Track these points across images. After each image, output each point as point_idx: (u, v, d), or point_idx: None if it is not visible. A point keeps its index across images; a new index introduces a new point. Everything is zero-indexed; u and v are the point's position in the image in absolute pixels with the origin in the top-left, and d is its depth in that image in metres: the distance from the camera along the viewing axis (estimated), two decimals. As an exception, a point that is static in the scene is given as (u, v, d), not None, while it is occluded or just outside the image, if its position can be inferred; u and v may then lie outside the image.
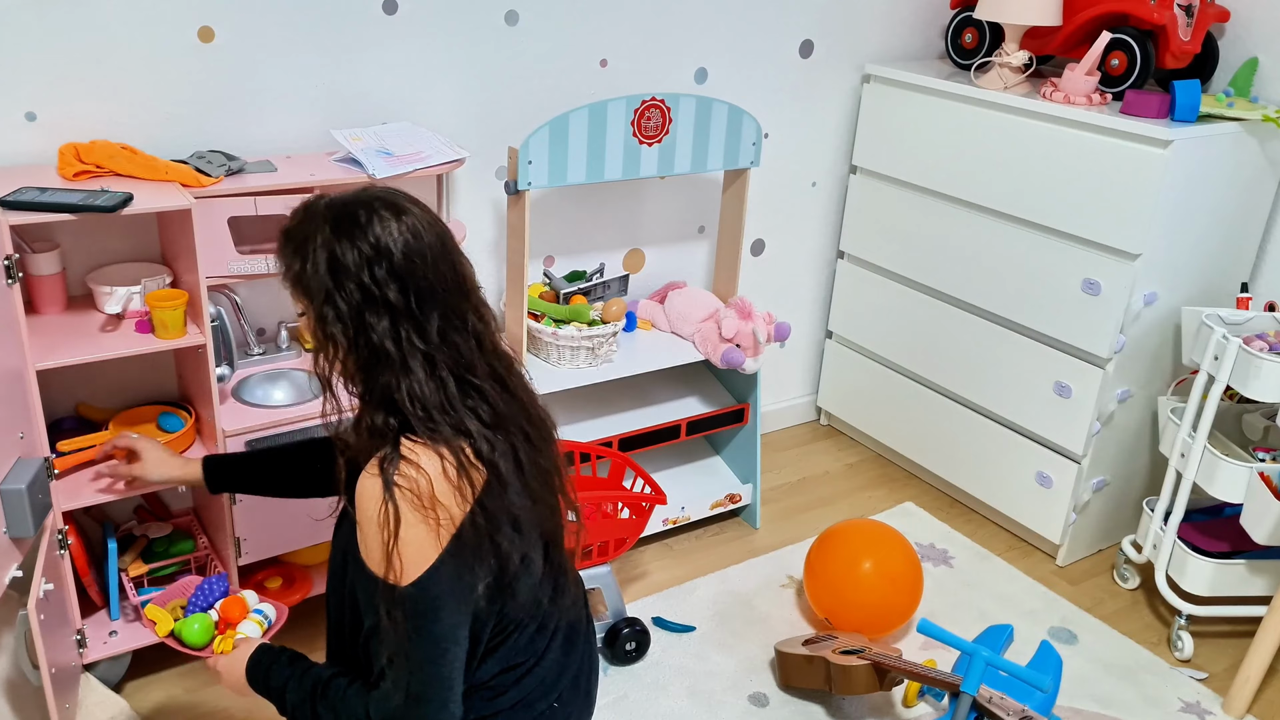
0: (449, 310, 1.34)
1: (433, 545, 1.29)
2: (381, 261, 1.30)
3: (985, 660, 2.00)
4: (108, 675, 2.15)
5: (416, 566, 1.29)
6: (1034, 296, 2.70)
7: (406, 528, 1.28)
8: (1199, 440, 2.41)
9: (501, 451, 1.35)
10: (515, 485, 1.38)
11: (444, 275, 1.33)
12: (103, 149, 2.00)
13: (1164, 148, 2.38)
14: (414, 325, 1.31)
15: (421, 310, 1.32)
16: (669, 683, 2.31)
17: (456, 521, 1.30)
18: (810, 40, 2.99)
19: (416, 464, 1.29)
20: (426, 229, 1.33)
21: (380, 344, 1.31)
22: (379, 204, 1.33)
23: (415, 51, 2.40)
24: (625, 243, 2.92)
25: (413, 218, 1.33)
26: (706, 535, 2.88)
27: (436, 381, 1.32)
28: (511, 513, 1.36)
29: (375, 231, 1.30)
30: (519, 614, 1.44)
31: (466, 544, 1.31)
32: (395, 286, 1.30)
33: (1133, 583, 2.76)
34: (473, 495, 1.31)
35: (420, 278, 1.31)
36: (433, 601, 1.30)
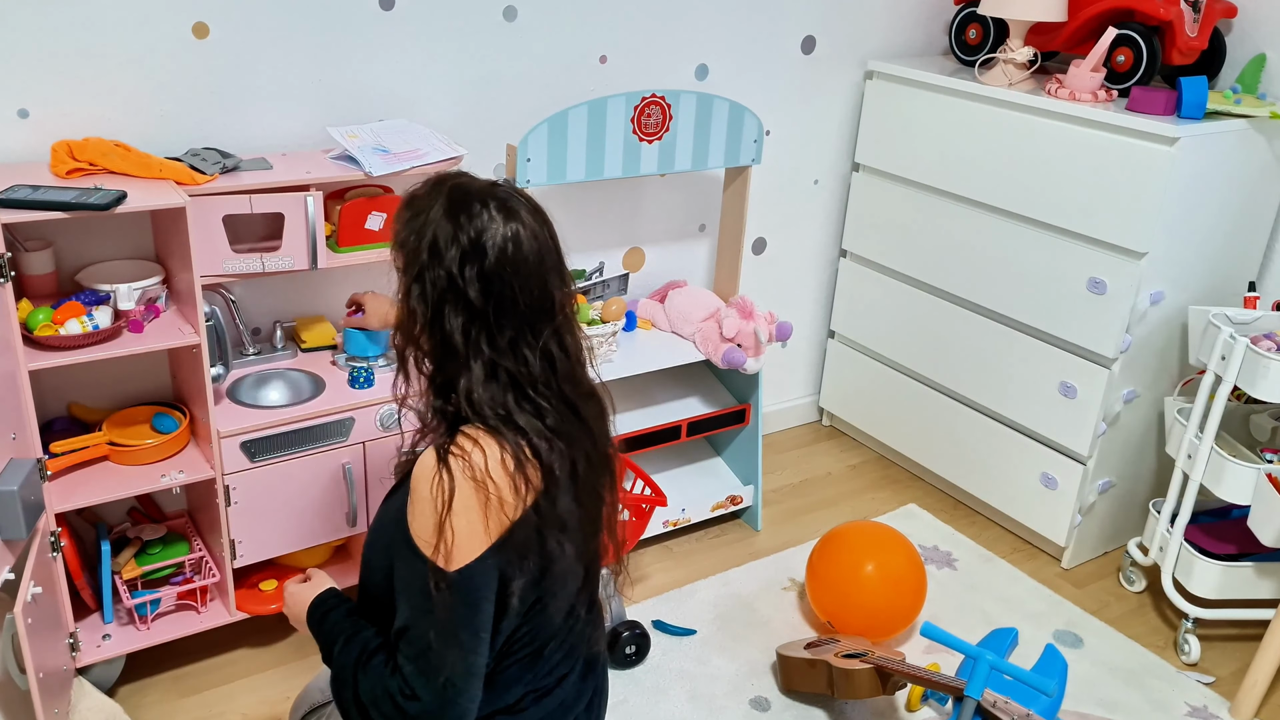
0: (525, 325, 1.35)
1: (482, 530, 1.29)
2: (474, 259, 1.31)
3: (989, 664, 1.99)
4: (101, 679, 2.15)
5: (466, 552, 1.29)
6: (1039, 295, 2.70)
7: (460, 499, 1.28)
8: (1206, 441, 2.41)
9: (559, 456, 1.35)
10: (569, 495, 1.37)
11: (530, 291, 1.34)
12: (96, 146, 2.00)
13: (1170, 145, 2.37)
14: (486, 329, 1.33)
15: (497, 317, 1.33)
16: (669, 687, 2.31)
17: (510, 510, 1.30)
18: (812, 36, 2.99)
19: (475, 440, 1.31)
20: (529, 240, 1.34)
21: (450, 335, 1.33)
22: (495, 202, 1.34)
23: (412, 47, 2.40)
24: (625, 241, 2.91)
25: (521, 226, 1.34)
26: (707, 537, 2.87)
27: (495, 386, 1.33)
28: (561, 519, 1.36)
29: (479, 226, 1.32)
30: (548, 632, 1.43)
31: (516, 538, 1.31)
32: (478, 287, 1.32)
33: (1139, 585, 2.76)
34: (527, 490, 1.32)
35: (505, 286, 1.32)
36: (477, 591, 1.30)
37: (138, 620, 2.16)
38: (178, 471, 2.07)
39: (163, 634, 2.16)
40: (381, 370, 2.28)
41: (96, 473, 2.06)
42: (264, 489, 2.13)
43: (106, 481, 2.03)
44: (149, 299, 2.06)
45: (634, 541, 2.35)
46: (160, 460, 2.10)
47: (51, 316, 1.90)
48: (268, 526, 2.18)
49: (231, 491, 2.11)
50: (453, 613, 1.29)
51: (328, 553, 2.40)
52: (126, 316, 1.99)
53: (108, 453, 2.07)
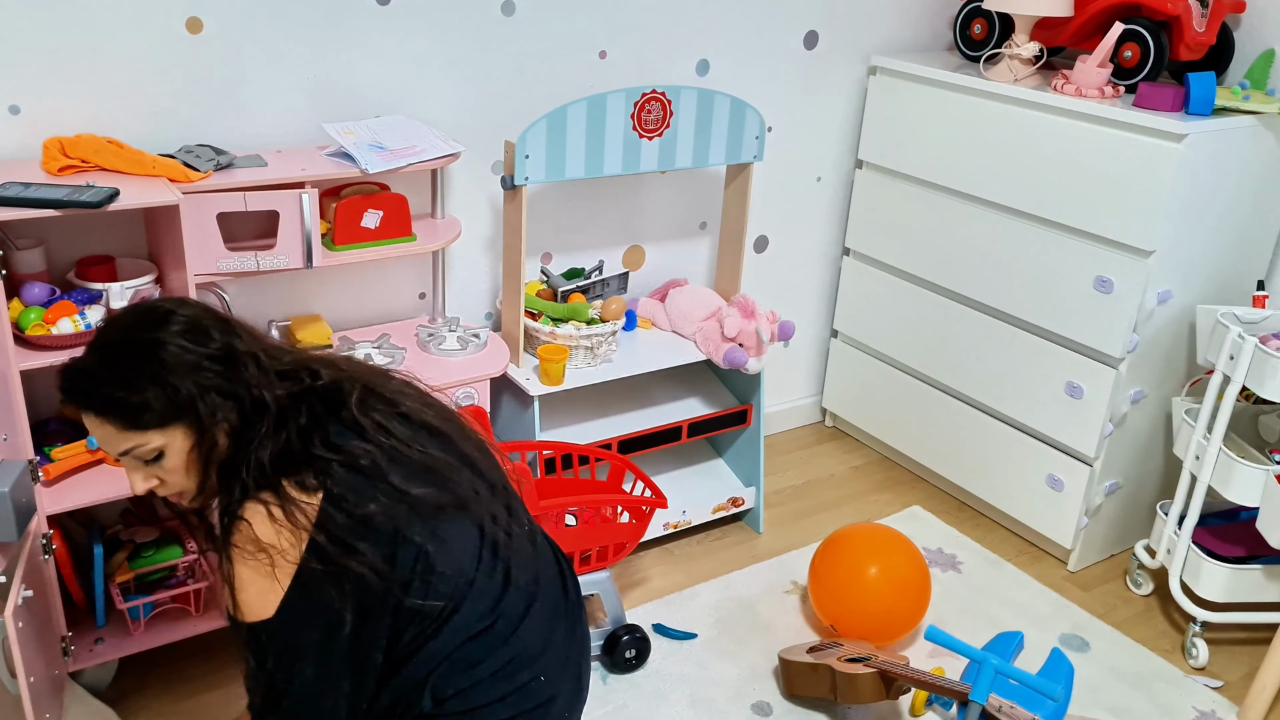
0: (248, 360, 1.44)
1: (272, 582, 1.36)
2: (208, 364, 1.42)
3: (995, 668, 1.99)
4: (94, 683, 2.15)
5: (267, 604, 1.36)
6: (1045, 294, 2.70)
7: (245, 578, 1.37)
8: (1214, 442, 2.41)
9: (329, 469, 1.40)
10: (366, 493, 1.41)
11: (220, 342, 1.44)
12: (88, 143, 2.00)
13: (1178, 142, 2.37)
14: (234, 395, 1.43)
15: (228, 368, 1.43)
16: (670, 691, 2.31)
17: (294, 555, 1.36)
18: (815, 31, 2.99)
19: (243, 518, 1.38)
20: (186, 316, 1.44)
21: (214, 420, 1.42)
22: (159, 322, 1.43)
23: (409, 42, 2.40)
24: (625, 239, 2.91)
25: (173, 317, 1.43)
26: (708, 540, 2.88)
27: (224, 434, 1.43)
28: (367, 523, 1.39)
29: (171, 342, 1.42)
30: (452, 589, 1.45)
31: (313, 573, 1.37)
32: (212, 374, 1.42)
33: (1146, 588, 2.76)
34: (307, 522, 1.37)
35: (223, 353, 1.44)
36: (291, 637, 1.38)
37: (131, 624, 2.16)
38: (171, 473, 2.07)
39: (156, 638, 2.16)
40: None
41: (89, 474, 2.06)
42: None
43: (100, 483, 2.03)
44: (142, 298, 2.06)
45: (634, 544, 2.35)
46: (153, 461, 2.10)
47: (43, 316, 1.90)
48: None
49: (226, 493, 2.11)
50: (277, 662, 1.39)
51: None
52: (119, 316, 1.99)
53: (104, 456, 2.07)
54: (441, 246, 2.38)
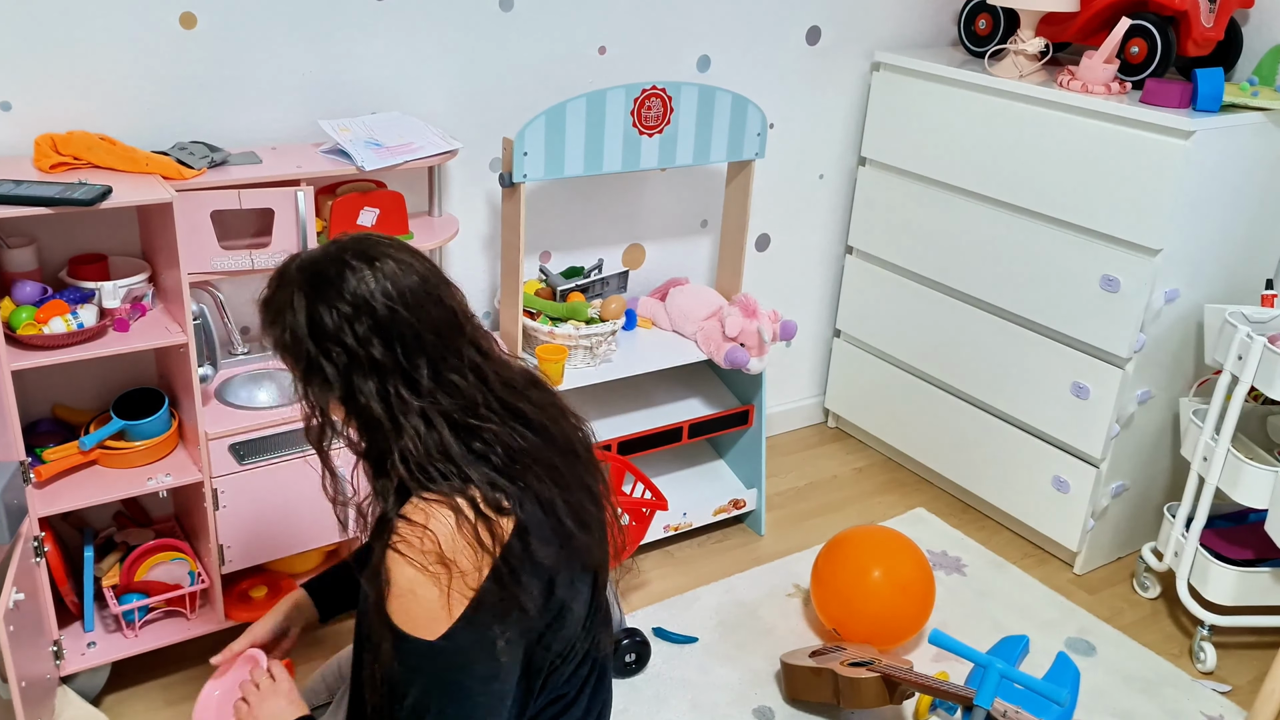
0: (442, 352, 1.32)
1: (444, 607, 1.26)
2: (361, 317, 1.28)
3: (1000, 672, 1.99)
4: (86, 687, 2.15)
5: (434, 627, 1.27)
6: (1050, 294, 2.70)
7: (415, 589, 1.25)
8: (1222, 443, 2.41)
9: (522, 500, 1.32)
10: (543, 533, 1.34)
11: (430, 316, 1.31)
12: (81, 140, 2.00)
13: (1186, 139, 2.37)
14: (403, 379, 1.30)
15: (410, 361, 1.30)
16: (670, 696, 2.31)
17: (474, 580, 1.27)
18: (817, 26, 2.99)
19: (422, 524, 1.26)
20: (404, 270, 1.31)
21: (368, 406, 1.30)
22: (349, 255, 1.31)
23: (406, 38, 2.40)
24: (625, 237, 2.91)
25: (388, 261, 1.31)
26: (709, 542, 2.88)
27: (434, 437, 1.30)
28: (537, 563, 1.32)
29: (350, 286, 1.29)
30: (563, 650, 1.43)
31: (487, 603, 1.28)
32: (379, 341, 1.28)
33: (1153, 592, 2.76)
34: (495, 547, 1.28)
35: (404, 325, 1.29)
36: (448, 672, 1.28)
37: (125, 627, 2.16)
38: (165, 474, 2.08)
39: (150, 641, 2.16)
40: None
41: (82, 476, 2.06)
42: (253, 492, 2.13)
43: (92, 485, 2.03)
44: (135, 297, 2.06)
45: (634, 546, 2.35)
46: (149, 464, 2.10)
47: (35, 315, 1.90)
48: (257, 531, 2.18)
49: (220, 495, 2.11)
50: (435, 684, 1.28)
51: (319, 558, 2.40)
52: (112, 315, 1.99)
53: (97, 457, 2.07)
54: (439, 245, 2.38)
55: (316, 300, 1.29)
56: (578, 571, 1.41)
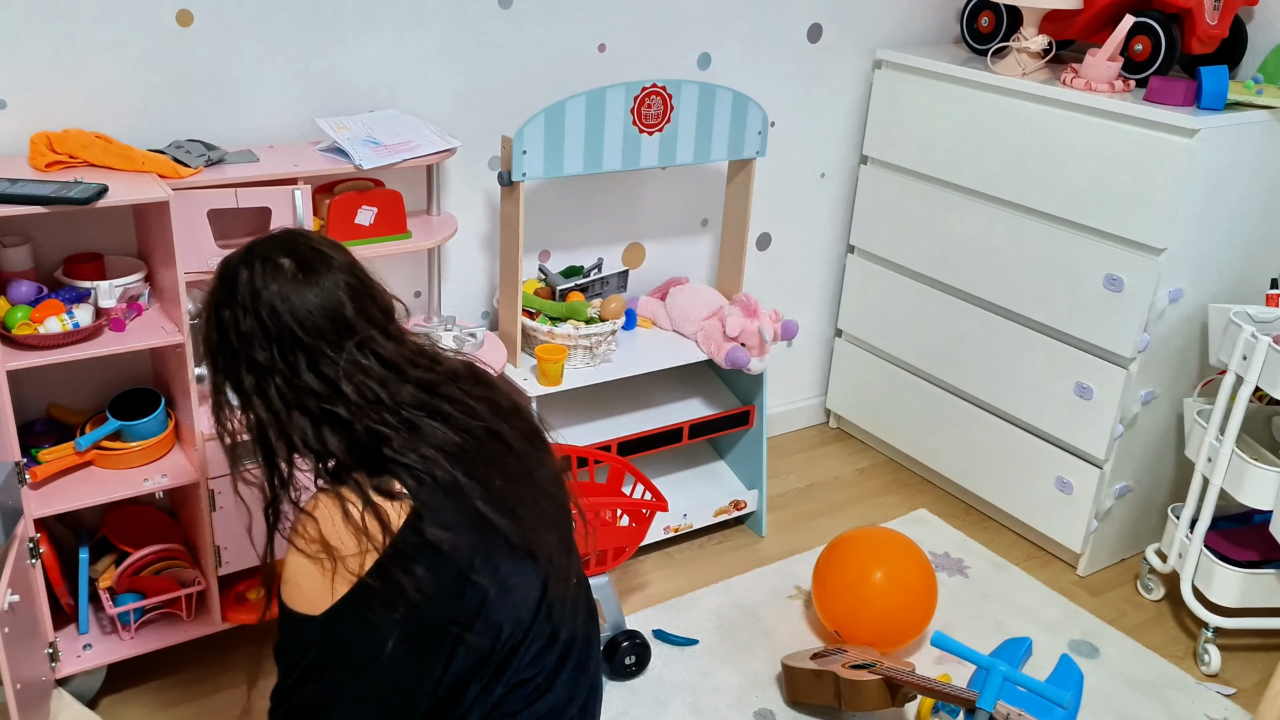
0: (320, 349, 1.37)
1: (327, 589, 1.32)
2: (244, 314, 1.37)
3: (1003, 675, 1.99)
4: (82, 690, 2.15)
5: (318, 604, 1.33)
6: (1053, 293, 2.70)
7: (300, 574, 1.34)
8: (1227, 444, 2.41)
9: (419, 485, 1.35)
10: (445, 518, 1.36)
11: (307, 317, 1.36)
12: (76, 138, 2.00)
13: (1190, 137, 2.37)
14: (279, 373, 1.37)
15: (283, 354, 1.36)
16: (670, 699, 2.31)
17: (355, 565, 1.32)
18: (819, 24, 2.99)
19: (310, 512, 1.34)
20: (290, 273, 1.37)
21: (250, 398, 1.38)
22: (257, 258, 1.39)
23: (404, 35, 2.40)
24: (625, 237, 2.91)
25: (284, 260, 1.38)
26: (710, 544, 2.87)
27: (314, 427, 1.37)
28: (437, 549, 1.34)
29: (243, 283, 1.37)
30: (514, 633, 1.43)
31: (371, 589, 1.32)
32: (257, 340, 1.37)
33: (1157, 594, 2.76)
34: (383, 534, 1.32)
35: (277, 321, 1.36)
36: (330, 646, 1.35)
37: (121, 629, 2.16)
38: (161, 475, 2.08)
39: (146, 644, 2.16)
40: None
41: (78, 477, 2.06)
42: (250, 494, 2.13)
43: (88, 486, 2.03)
44: (131, 296, 2.06)
45: (634, 548, 2.35)
46: (145, 464, 2.10)
47: (30, 314, 1.90)
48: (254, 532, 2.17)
49: (216, 496, 2.11)
50: (326, 658, 1.36)
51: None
52: (108, 315, 1.99)
53: (93, 458, 2.07)
54: (437, 244, 2.38)
55: (221, 296, 1.39)
56: (504, 557, 1.42)
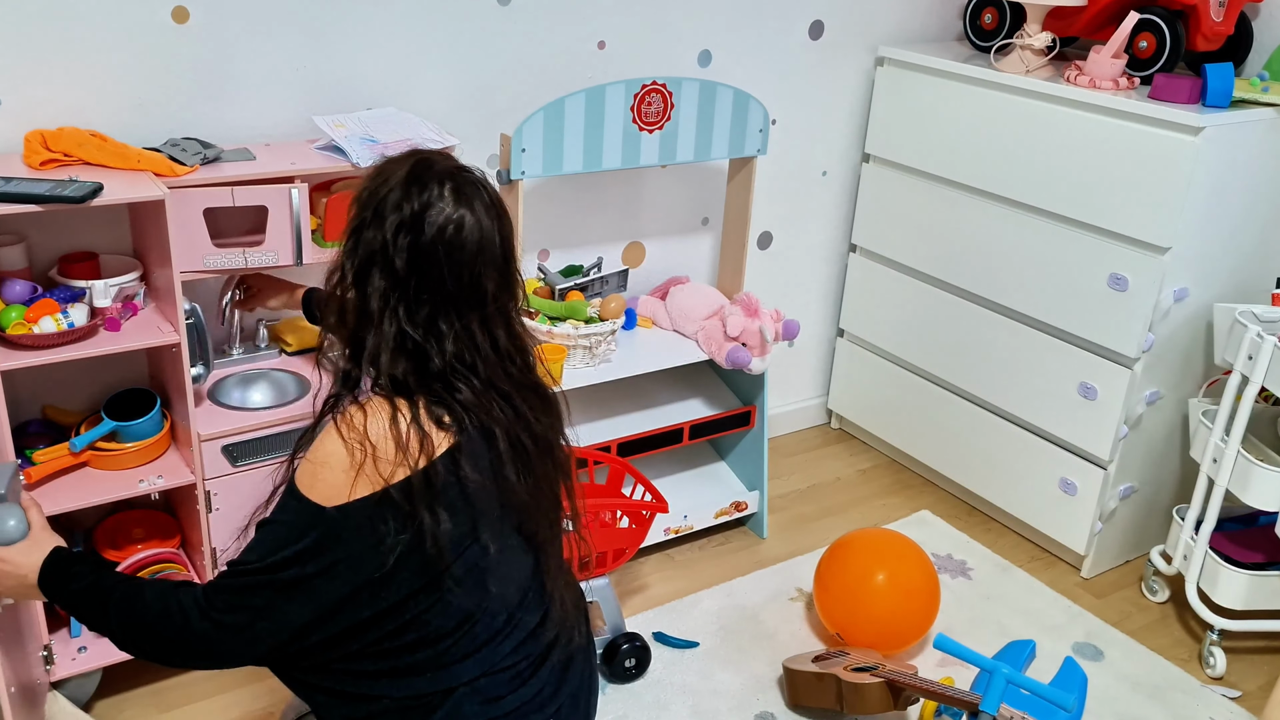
0: (448, 307, 1.39)
1: (348, 483, 1.33)
2: (410, 230, 1.37)
3: (1006, 678, 1.99)
4: (77, 693, 2.15)
5: (330, 495, 1.33)
6: (1057, 292, 2.70)
7: (329, 460, 1.33)
8: (1232, 445, 2.41)
9: (465, 423, 1.39)
10: (478, 462, 1.40)
11: (459, 276, 1.39)
12: (71, 136, 2.00)
13: (1195, 135, 2.37)
14: (405, 300, 1.38)
15: (418, 292, 1.38)
16: (671, 702, 2.31)
17: (386, 471, 1.33)
18: (820, 21, 2.99)
19: (360, 408, 1.36)
20: (471, 230, 1.39)
21: (369, 296, 1.38)
22: (452, 184, 1.40)
23: (402, 32, 2.40)
24: (624, 235, 2.91)
25: (469, 213, 1.39)
26: (711, 545, 2.88)
27: (401, 358, 1.38)
28: (464, 489, 1.38)
29: (425, 202, 1.38)
30: (494, 610, 1.45)
31: (389, 501, 1.33)
32: (405, 258, 1.37)
33: (1162, 596, 2.76)
34: (420, 457, 1.34)
35: (433, 265, 1.37)
36: (322, 541, 1.33)
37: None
38: (156, 476, 2.08)
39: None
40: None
41: (73, 478, 2.06)
42: (247, 494, 2.13)
43: (83, 487, 2.04)
44: (126, 296, 2.06)
45: (634, 549, 2.35)
46: (140, 465, 2.10)
47: (25, 314, 1.90)
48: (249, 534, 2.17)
49: (213, 497, 2.11)
50: (313, 547, 1.34)
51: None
52: (103, 314, 1.99)
53: (88, 459, 2.07)
54: (435, 243, 2.38)
55: (399, 190, 1.38)
56: (510, 530, 1.46)
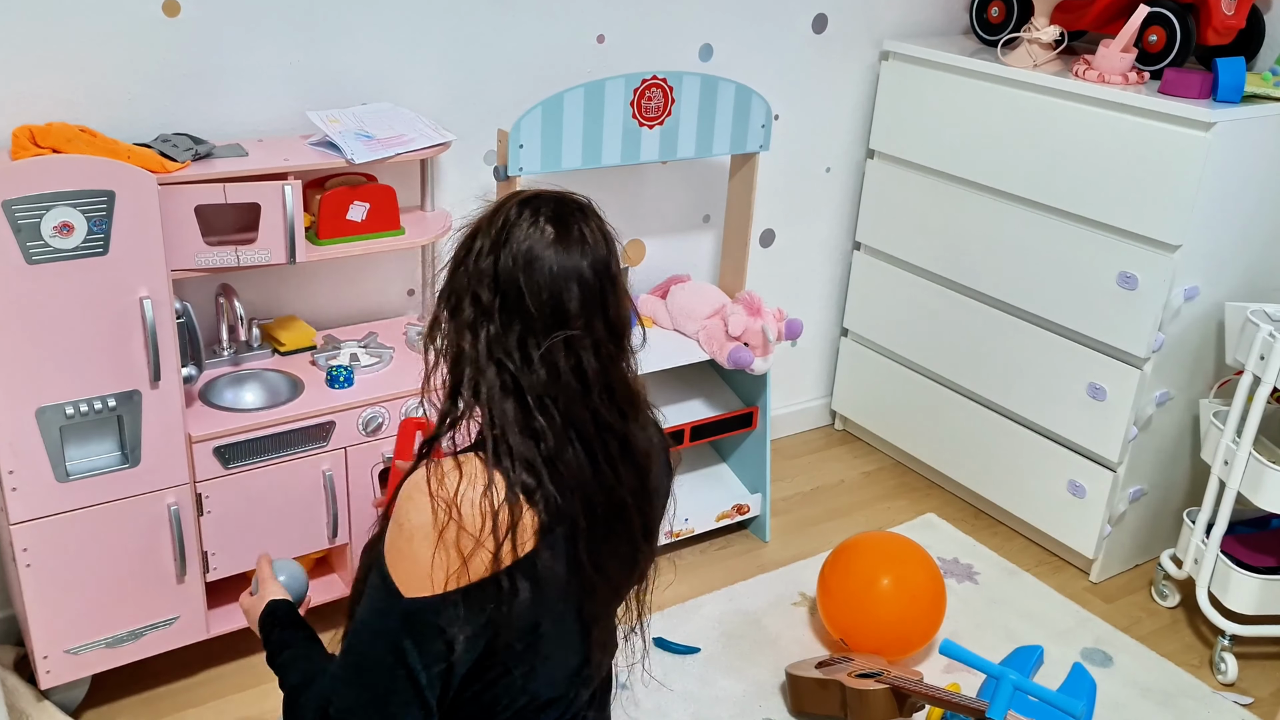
0: (532, 327, 1.33)
1: (430, 569, 1.25)
2: (492, 253, 1.35)
3: (1013, 684, 1.99)
4: (66, 700, 2.15)
5: (412, 584, 1.27)
6: (1065, 291, 2.70)
7: (414, 537, 1.27)
8: (1244, 446, 2.41)
9: (548, 503, 1.31)
10: (557, 547, 1.32)
11: (539, 294, 1.33)
12: (60, 131, 2.00)
13: (1206, 130, 2.38)
14: (491, 324, 1.34)
15: (504, 313, 1.34)
16: (671, 709, 2.31)
17: (469, 545, 1.26)
18: (824, 14, 2.99)
19: (458, 464, 1.29)
20: (554, 248, 1.36)
21: (460, 329, 1.36)
22: (545, 209, 1.39)
23: (398, 26, 2.40)
24: (624, 233, 2.92)
25: (552, 229, 1.37)
26: (712, 549, 2.88)
27: (500, 391, 1.32)
28: (539, 570, 1.31)
29: (508, 221, 1.36)
30: (548, 695, 1.41)
31: (473, 590, 1.27)
32: (489, 282, 1.34)
33: (1172, 600, 2.76)
34: (507, 530, 1.27)
35: (513, 284, 1.33)
36: (410, 623, 1.28)
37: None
38: (147, 479, 2.08)
39: (132, 653, 2.16)
40: (362, 371, 2.29)
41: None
42: (239, 497, 2.14)
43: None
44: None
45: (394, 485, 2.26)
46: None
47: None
48: (243, 537, 2.18)
49: (204, 500, 2.11)
50: (375, 628, 1.30)
51: (308, 565, 2.40)
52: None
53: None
54: (431, 240, 2.39)
55: (479, 222, 1.40)
56: (571, 615, 1.39)
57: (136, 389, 1.98)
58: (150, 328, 1.94)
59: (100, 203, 1.83)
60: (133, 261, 1.90)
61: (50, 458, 1.93)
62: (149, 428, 2.01)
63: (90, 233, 1.84)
